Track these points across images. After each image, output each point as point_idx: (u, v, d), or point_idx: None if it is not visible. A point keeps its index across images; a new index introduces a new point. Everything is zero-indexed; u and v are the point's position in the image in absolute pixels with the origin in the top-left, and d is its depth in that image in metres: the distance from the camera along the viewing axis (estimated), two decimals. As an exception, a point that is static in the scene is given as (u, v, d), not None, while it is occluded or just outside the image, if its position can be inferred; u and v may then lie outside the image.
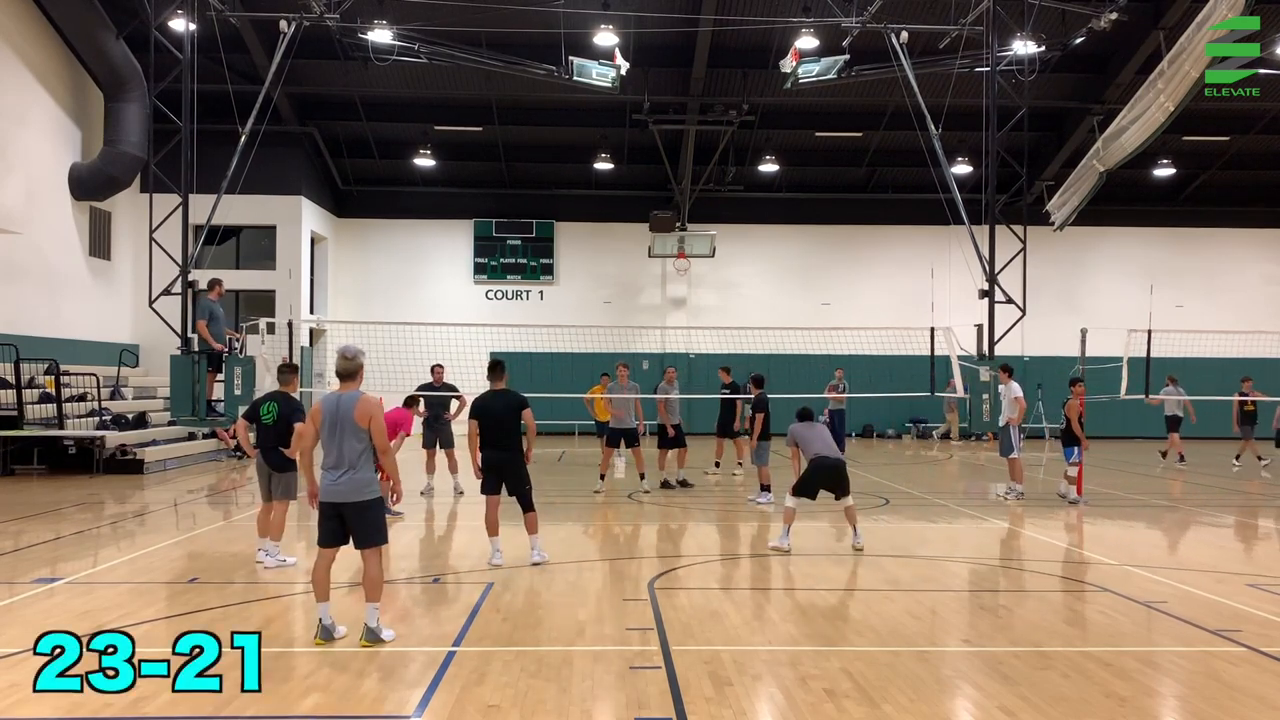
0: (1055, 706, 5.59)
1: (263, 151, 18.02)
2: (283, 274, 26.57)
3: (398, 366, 18.27)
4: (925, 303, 21.05)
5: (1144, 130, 16.26)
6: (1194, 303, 28.92)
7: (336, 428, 6.61)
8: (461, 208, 30.06)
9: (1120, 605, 8.12)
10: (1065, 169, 23.52)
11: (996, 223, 17.24)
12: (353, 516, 6.64)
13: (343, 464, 6.59)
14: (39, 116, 21.32)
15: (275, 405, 9.73)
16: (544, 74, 20.89)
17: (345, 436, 6.58)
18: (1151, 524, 13.15)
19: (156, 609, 7.81)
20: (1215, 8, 13.91)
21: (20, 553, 10.30)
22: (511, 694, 5.71)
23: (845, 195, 30.55)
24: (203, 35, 17.45)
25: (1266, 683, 6.09)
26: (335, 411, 6.63)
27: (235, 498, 15.41)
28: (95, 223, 23.64)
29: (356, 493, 6.61)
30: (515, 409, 9.48)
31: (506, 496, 9.58)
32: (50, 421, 17.92)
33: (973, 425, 17.24)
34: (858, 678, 6.05)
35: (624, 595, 8.33)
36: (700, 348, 28.38)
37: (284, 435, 9.60)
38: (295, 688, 5.81)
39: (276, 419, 9.67)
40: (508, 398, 9.57)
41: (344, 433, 6.58)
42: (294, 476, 9.71)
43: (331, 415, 6.65)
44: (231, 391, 15.35)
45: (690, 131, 26.27)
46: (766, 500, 14.07)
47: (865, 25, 19.27)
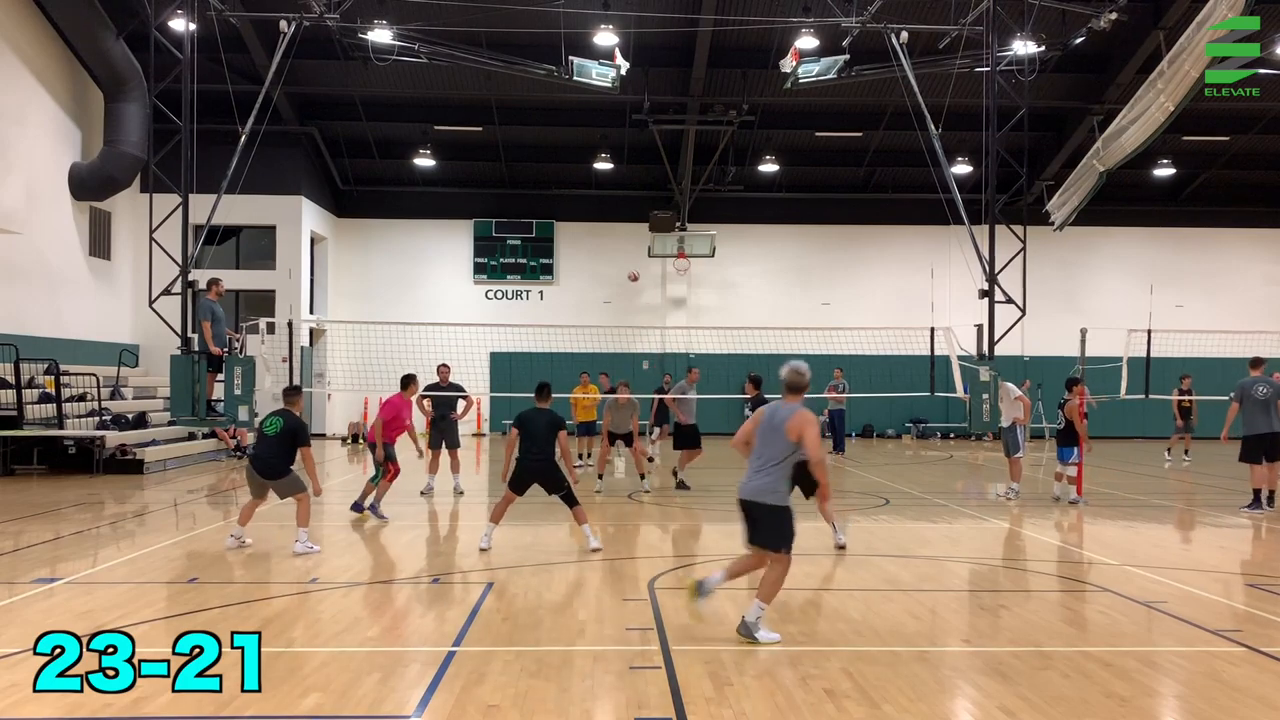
0: (1055, 706, 5.59)
1: (263, 151, 18.01)
2: (283, 274, 26.58)
3: (398, 366, 18.26)
4: (925, 303, 21.08)
5: (1144, 130, 16.25)
6: (1194, 303, 28.93)
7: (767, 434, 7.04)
8: (461, 208, 30.07)
9: (1120, 605, 8.12)
10: (1065, 169, 23.52)
11: (996, 223, 17.24)
12: (755, 515, 6.99)
13: (759, 466, 7.01)
14: (39, 116, 21.32)
15: (280, 420, 10.31)
16: (544, 74, 20.89)
17: (772, 442, 6.98)
18: (1151, 524, 13.16)
19: (156, 609, 7.81)
20: (1215, 8, 13.90)
21: (20, 553, 10.30)
22: (511, 694, 5.71)
23: (845, 195, 30.57)
24: (203, 35, 17.44)
25: (1266, 683, 6.08)
26: (771, 418, 7.05)
27: (235, 498, 15.40)
28: (95, 223, 23.64)
29: (760, 494, 6.95)
30: (553, 427, 10.32)
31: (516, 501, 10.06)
32: (50, 421, 17.93)
33: (973, 425, 17.24)
34: (858, 678, 6.05)
35: (624, 595, 8.33)
36: (700, 348, 28.40)
37: (285, 449, 10.28)
38: (295, 688, 5.81)
39: (279, 432, 10.24)
40: (550, 416, 10.35)
41: (772, 439, 6.99)
42: (293, 479, 10.34)
43: (768, 422, 7.06)
44: (231, 391, 15.36)
45: (690, 131, 26.27)
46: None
47: (865, 25, 19.27)
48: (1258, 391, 13.47)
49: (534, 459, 10.19)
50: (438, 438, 15.04)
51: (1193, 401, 20.63)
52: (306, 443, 10.43)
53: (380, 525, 12.07)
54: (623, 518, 13.05)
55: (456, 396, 15.33)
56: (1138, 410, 21.83)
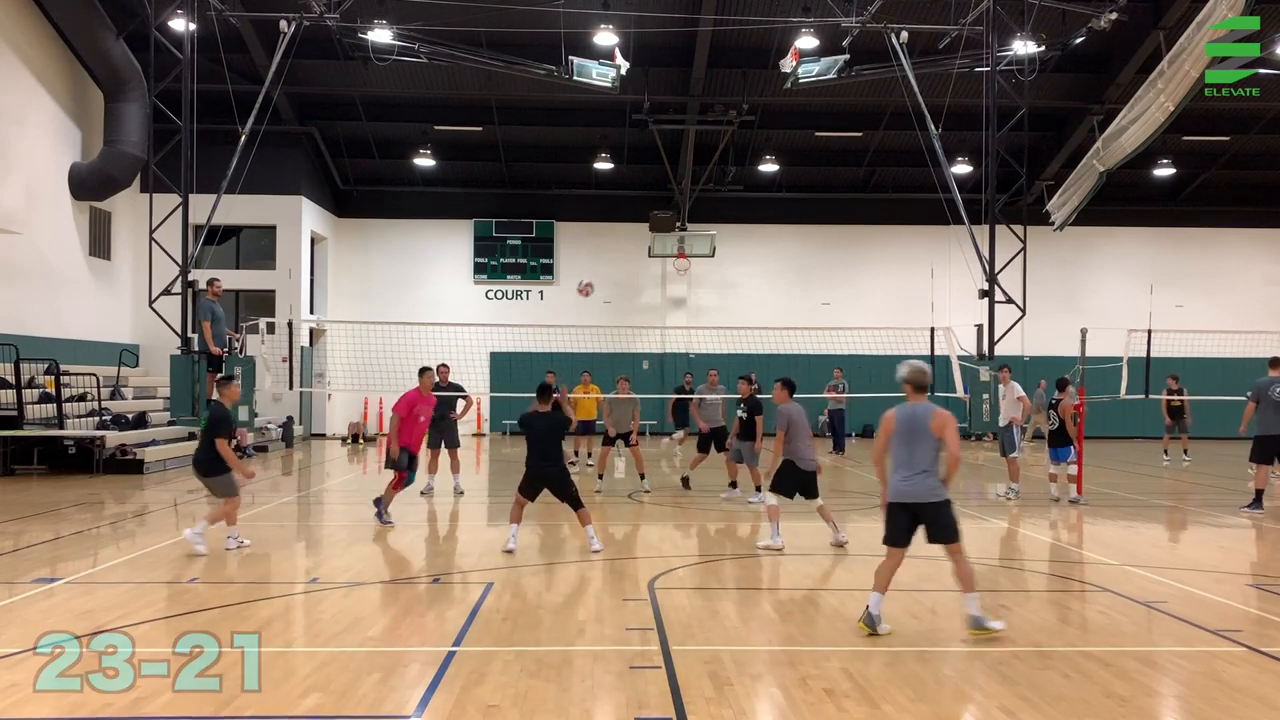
0: (1055, 706, 5.59)
1: (263, 151, 18.03)
2: (283, 274, 26.58)
3: (398, 366, 18.27)
4: (925, 303, 21.08)
5: (1144, 130, 16.25)
6: (1194, 303, 28.94)
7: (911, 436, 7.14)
8: (461, 208, 30.07)
9: (1120, 605, 8.12)
10: (1065, 169, 23.52)
11: (996, 223, 17.25)
12: (928, 515, 7.10)
13: (915, 467, 7.09)
14: (39, 116, 21.32)
15: (208, 412, 10.13)
16: (544, 74, 20.90)
17: (920, 443, 7.09)
18: (1151, 524, 13.15)
19: (156, 609, 7.80)
20: (1215, 8, 13.91)
21: (20, 553, 10.29)
22: (511, 694, 5.71)
23: (845, 195, 30.57)
24: (203, 35, 17.46)
25: (1266, 683, 6.08)
26: (911, 421, 7.16)
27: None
28: (95, 223, 23.65)
29: (931, 493, 7.07)
30: (556, 430, 10.31)
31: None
32: (50, 421, 17.92)
33: (972, 425, 17.23)
34: (858, 678, 6.05)
35: (624, 595, 8.33)
36: (700, 348, 28.40)
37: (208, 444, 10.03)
38: (295, 688, 5.80)
39: (206, 425, 10.11)
40: (550, 418, 10.30)
41: (919, 440, 7.10)
42: (226, 480, 10.16)
43: (907, 424, 7.17)
44: (231, 391, 15.33)
45: (690, 131, 26.28)
46: (757, 500, 14.05)
47: (865, 25, 19.28)
48: (1274, 392, 13.45)
49: (544, 468, 10.15)
50: (437, 437, 15.03)
51: (1184, 401, 20.68)
52: (223, 434, 10.03)
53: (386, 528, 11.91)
54: (623, 518, 13.05)
55: (456, 396, 15.32)
56: (1138, 410, 21.83)
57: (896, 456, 7.18)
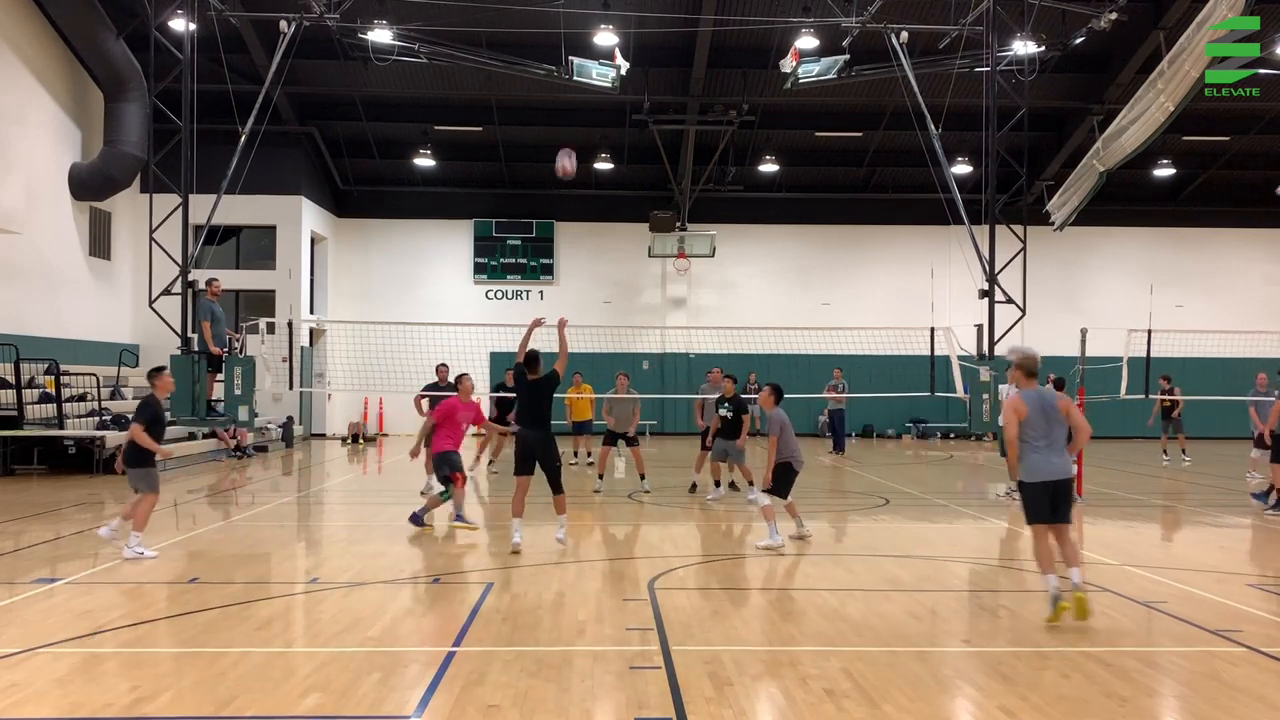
0: (1055, 706, 5.59)
1: (263, 151, 18.02)
2: (283, 274, 26.58)
3: (398, 366, 18.29)
4: (925, 303, 21.07)
5: (1144, 130, 16.24)
6: (1194, 303, 28.93)
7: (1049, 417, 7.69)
8: (461, 208, 30.07)
9: (1120, 605, 8.12)
10: (1065, 169, 23.52)
11: (996, 223, 17.24)
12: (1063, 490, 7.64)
13: (1055, 447, 7.65)
14: (39, 116, 21.33)
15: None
16: (544, 74, 20.90)
17: (1057, 423, 7.70)
18: (1151, 524, 13.15)
19: (156, 609, 7.81)
20: (1215, 8, 13.90)
21: (20, 553, 10.30)
22: (511, 694, 5.71)
23: (845, 195, 30.57)
24: (203, 35, 17.45)
25: (1266, 683, 6.08)
26: (1043, 402, 7.74)
27: (235, 497, 15.41)
28: (95, 223, 23.65)
29: (1068, 470, 7.69)
30: (548, 382, 10.39)
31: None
32: (50, 421, 17.93)
33: (973, 425, 17.22)
34: (858, 678, 6.05)
35: (624, 595, 8.33)
36: (700, 348, 28.39)
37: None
38: (295, 688, 5.80)
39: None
40: (540, 382, 10.39)
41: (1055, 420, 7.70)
42: (146, 474, 9.96)
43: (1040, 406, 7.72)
44: (231, 391, 15.35)
45: (690, 131, 26.28)
46: (755, 497, 14.04)
47: (865, 25, 19.28)
48: None
49: (533, 432, 10.21)
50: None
51: (1177, 401, 20.69)
52: (139, 420, 9.82)
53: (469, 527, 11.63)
54: (623, 518, 13.05)
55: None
56: (1138, 410, 21.79)
57: (1034, 438, 7.61)
